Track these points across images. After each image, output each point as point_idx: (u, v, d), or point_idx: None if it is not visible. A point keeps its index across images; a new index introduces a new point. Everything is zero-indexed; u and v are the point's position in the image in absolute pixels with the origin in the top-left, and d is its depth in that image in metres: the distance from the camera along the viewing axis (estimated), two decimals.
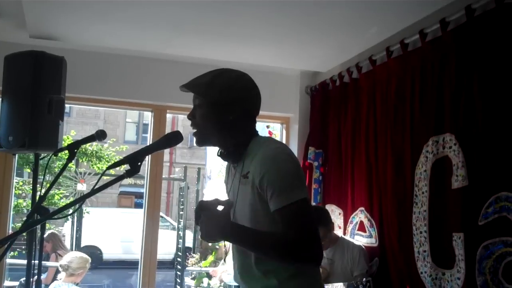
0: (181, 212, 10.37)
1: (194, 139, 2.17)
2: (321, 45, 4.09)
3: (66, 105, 3.52)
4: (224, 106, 2.09)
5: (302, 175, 2.07)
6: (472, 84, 2.87)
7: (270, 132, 5.31)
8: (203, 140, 2.16)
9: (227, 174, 2.29)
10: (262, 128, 5.18)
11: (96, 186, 1.87)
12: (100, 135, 2.50)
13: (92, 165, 12.75)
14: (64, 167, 2.65)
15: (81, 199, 1.95)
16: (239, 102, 2.11)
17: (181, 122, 20.78)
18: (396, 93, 3.58)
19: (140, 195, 20.99)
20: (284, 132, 5.14)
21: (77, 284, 5.67)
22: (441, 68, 3.14)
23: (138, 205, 22.28)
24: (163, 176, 5.45)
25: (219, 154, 2.22)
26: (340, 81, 4.37)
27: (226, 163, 2.29)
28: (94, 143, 13.48)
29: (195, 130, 2.15)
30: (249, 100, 2.15)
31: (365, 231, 3.92)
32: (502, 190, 2.65)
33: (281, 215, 1.93)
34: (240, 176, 2.09)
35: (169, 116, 4.91)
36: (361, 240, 3.93)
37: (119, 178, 1.91)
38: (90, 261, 5.64)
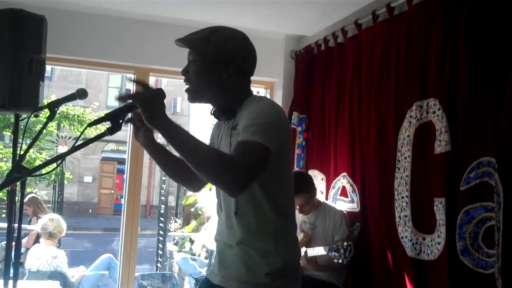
0: (163, 178, 10.35)
1: (187, 95, 2.13)
2: (307, 7, 4.03)
3: (47, 68, 3.44)
4: (219, 62, 2.06)
5: (280, 130, 1.96)
6: (457, 49, 2.85)
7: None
8: (195, 96, 2.12)
9: (215, 133, 2.24)
10: None
11: (76, 144, 1.84)
12: (81, 94, 2.45)
13: (73, 129, 12.66)
14: (44, 126, 2.61)
15: (62, 156, 1.91)
16: (233, 59, 2.08)
17: (164, 87, 20.60)
18: (381, 58, 3.55)
19: (122, 161, 20.95)
20: (268, 96, 5.09)
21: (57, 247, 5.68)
22: (427, 32, 3.11)
23: (120, 171, 22.28)
24: None
25: (212, 112, 2.19)
26: (325, 45, 4.32)
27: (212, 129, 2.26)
28: (77, 107, 13.37)
29: (187, 86, 2.11)
30: (243, 58, 2.12)
31: (347, 196, 3.93)
32: (484, 156, 2.65)
33: (236, 146, 1.88)
34: (230, 129, 2.06)
35: (152, 79, 4.84)
36: (343, 205, 3.94)
37: (100, 135, 1.88)
38: (64, 223, 5.63)
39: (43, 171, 1.86)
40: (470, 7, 2.77)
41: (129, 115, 2.07)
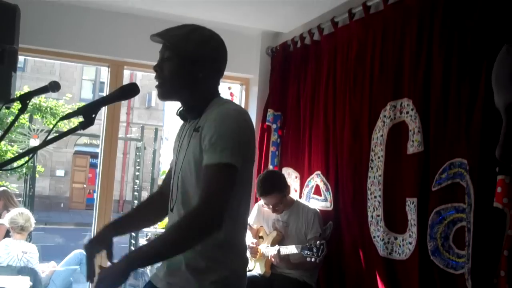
0: (137, 173, 10.28)
1: (157, 92, 2.09)
2: (283, 4, 4.02)
3: (20, 58, 3.38)
4: (196, 62, 2.05)
5: (245, 141, 1.97)
6: (432, 50, 2.87)
7: (231, 94, 5.23)
8: (167, 94, 2.10)
9: (178, 136, 2.22)
10: (223, 89, 5.10)
11: (49, 137, 1.80)
12: (53, 86, 2.39)
13: (46, 122, 12.49)
14: (15, 118, 2.55)
15: (33, 150, 1.87)
16: (210, 60, 2.07)
17: (140, 81, 20.49)
18: (357, 57, 3.55)
19: (95, 155, 20.75)
20: (244, 93, 5.08)
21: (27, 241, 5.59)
22: (402, 32, 3.13)
23: (93, 165, 22.06)
24: (120, 136, 5.34)
25: (178, 113, 2.17)
26: (301, 42, 4.32)
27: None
28: (50, 99, 13.19)
29: (159, 83, 2.07)
30: (219, 60, 2.12)
31: (320, 195, 3.93)
32: (456, 157, 2.67)
33: (203, 173, 1.90)
34: (193, 131, 2.04)
35: (126, 73, 4.79)
36: (316, 204, 3.94)
37: (72, 129, 1.85)
38: (32, 217, 5.54)
39: (15, 164, 1.83)
40: (445, 8, 2.79)
41: (103, 109, 2.04)
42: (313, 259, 3.45)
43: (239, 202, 2.03)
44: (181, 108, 2.15)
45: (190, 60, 2.05)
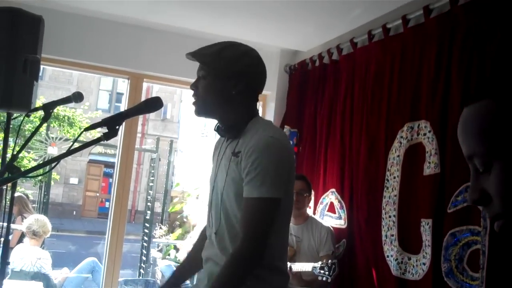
0: (151, 184, 10.33)
1: (194, 108, 2.16)
2: (303, 23, 4.07)
3: (41, 66, 3.45)
4: (229, 79, 2.08)
5: (285, 173, 2.02)
6: (450, 73, 2.89)
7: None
8: (202, 111, 2.16)
9: (217, 150, 2.27)
10: None
11: (72, 148, 1.84)
12: (77, 97, 2.45)
13: (63, 130, 12.60)
14: (38, 127, 2.61)
15: (56, 159, 1.91)
16: (243, 77, 2.09)
17: (156, 93, 20.62)
18: (375, 77, 3.59)
19: (109, 165, 20.89)
20: (261, 109, 5.12)
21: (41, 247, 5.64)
22: (421, 55, 3.15)
23: (107, 174, 22.18)
24: (135, 147, 5.40)
25: (216, 128, 2.21)
26: (320, 61, 4.36)
27: (212, 140, 2.30)
28: (67, 108, 13.33)
29: (194, 100, 2.14)
30: (254, 76, 2.14)
31: (334, 212, 3.95)
32: None
33: (244, 204, 1.98)
34: (231, 154, 2.08)
35: (144, 85, 4.85)
36: (330, 221, 3.96)
37: (96, 140, 1.89)
38: (49, 224, 5.61)
39: (36, 173, 1.87)
40: (465, 33, 2.81)
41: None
42: (324, 278, 3.46)
43: (279, 229, 2.09)
44: (218, 125, 2.20)
45: (222, 77, 2.09)
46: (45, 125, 11.94)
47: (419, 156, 3.06)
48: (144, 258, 8.98)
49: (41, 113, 2.51)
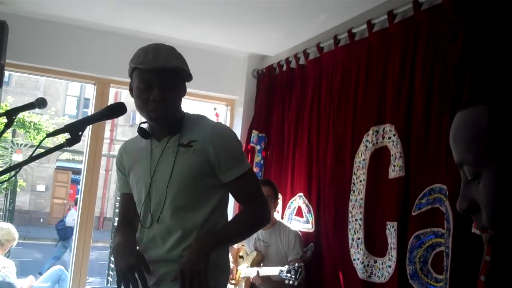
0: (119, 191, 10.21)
1: (156, 118, 2.12)
2: (271, 28, 4.09)
3: (5, 73, 3.39)
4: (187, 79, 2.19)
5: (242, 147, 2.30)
6: (414, 77, 2.93)
7: (217, 114, 5.25)
8: (168, 117, 2.14)
9: (139, 153, 2.25)
10: (209, 109, 5.14)
11: (34, 154, 1.81)
12: (40, 103, 2.40)
13: (29, 136, 12.41)
14: (1, 133, 2.56)
15: (18, 166, 1.88)
16: (191, 78, 2.19)
17: (124, 99, 20.41)
18: (341, 82, 3.61)
19: (77, 171, 20.61)
20: (229, 114, 5.12)
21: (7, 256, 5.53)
22: (386, 59, 3.19)
23: (74, 181, 21.89)
24: (103, 153, 5.34)
25: (140, 131, 2.21)
26: (287, 66, 4.38)
27: None
28: (33, 114, 13.13)
29: (163, 112, 2.10)
30: None
31: (302, 217, 3.96)
32: (436, 182, 2.71)
33: (237, 183, 2.14)
34: (178, 146, 2.12)
35: (112, 91, 4.80)
36: (298, 225, 3.97)
37: (59, 146, 1.86)
38: (15, 232, 5.51)
39: None
40: (428, 38, 2.86)
41: (88, 127, 2.09)
42: (291, 282, 3.46)
43: (226, 213, 2.28)
44: (144, 126, 2.21)
45: (186, 80, 2.18)
46: (9, 131, 11.77)
47: (384, 160, 3.10)
48: (112, 266, 8.86)
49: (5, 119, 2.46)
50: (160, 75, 2.04)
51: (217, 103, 5.12)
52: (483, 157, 0.85)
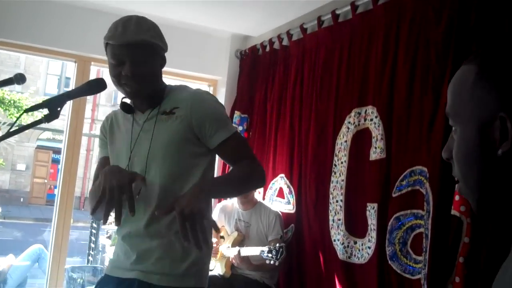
0: None
1: (130, 94, 2.08)
2: (254, 8, 4.06)
3: None
4: (163, 55, 2.13)
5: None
6: (397, 59, 2.93)
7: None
8: (141, 93, 2.09)
9: (125, 124, 2.21)
10: None
11: (12, 129, 1.78)
12: (19, 78, 2.36)
13: (9, 115, 12.28)
14: None
15: None
16: (166, 47, 2.14)
17: (107, 77, 20.24)
18: (324, 63, 3.61)
19: (57, 151, 20.46)
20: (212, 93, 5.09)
21: None
22: (369, 41, 3.19)
23: (55, 161, 21.73)
24: (84, 132, 5.29)
25: (122, 106, 2.16)
26: (270, 47, 4.36)
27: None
28: (14, 92, 12.98)
29: (137, 88, 2.04)
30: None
31: (283, 197, 3.97)
32: (417, 165, 2.73)
33: (227, 145, 2.07)
34: (158, 114, 2.09)
35: (93, 69, 4.75)
36: (279, 206, 3.98)
37: (36, 122, 1.82)
38: None
39: None
40: (411, 20, 2.85)
41: (67, 104, 2.05)
42: (272, 262, 3.47)
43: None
44: (126, 100, 2.17)
45: (162, 55, 2.12)
46: None
47: (365, 142, 3.11)
48: (92, 245, 8.83)
49: None
50: (129, 49, 1.99)
51: (199, 83, 5.08)
52: (460, 114, 0.93)
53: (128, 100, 2.17)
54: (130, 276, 2.07)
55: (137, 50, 1.99)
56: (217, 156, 2.20)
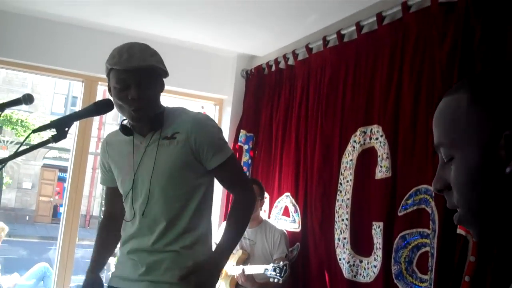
0: None
1: (135, 118, 2.15)
2: (260, 29, 4.09)
3: None
4: (162, 76, 2.22)
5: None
6: (402, 78, 2.95)
7: (204, 113, 5.26)
8: (145, 117, 2.17)
9: (127, 148, 2.28)
10: (196, 108, 5.13)
11: (20, 149, 1.80)
12: (27, 99, 2.39)
13: (16, 133, 12.34)
14: None
15: (3, 161, 1.87)
16: (167, 74, 2.22)
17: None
18: (330, 83, 3.63)
19: (63, 169, 20.49)
20: (217, 113, 5.12)
21: None
22: (374, 61, 3.21)
23: (61, 179, 21.77)
24: (90, 151, 5.32)
25: (123, 129, 2.25)
26: (276, 66, 4.39)
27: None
28: (21, 111, 13.06)
29: (143, 112, 2.13)
30: None
31: (289, 216, 3.97)
32: (422, 183, 2.73)
33: (222, 169, 2.23)
34: (161, 139, 2.17)
35: (100, 88, 4.79)
36: (284, 225, 3.98)
37: (45, 142, 1.85)
38: (6, 229, 5.49)
39: None
40: (416, 40, 2.88)
41: (75, 123, 2.11)
42: (276, 280, 3.46)
43: (212, 201, 2.36)
44: (125, 123, 2.24)
45: (162, 80, 2.22)
46: None
47: (371, 160, 3.11)
48: None
49: None
50: (136, 74, 2.07)
51: (206, 102, 5.12)
52: (458, 141, 0.92)
53: (126, 122, 2.24)
54: (139, 287, 2.14)
55: (143, 75, 2.07)
56: None
